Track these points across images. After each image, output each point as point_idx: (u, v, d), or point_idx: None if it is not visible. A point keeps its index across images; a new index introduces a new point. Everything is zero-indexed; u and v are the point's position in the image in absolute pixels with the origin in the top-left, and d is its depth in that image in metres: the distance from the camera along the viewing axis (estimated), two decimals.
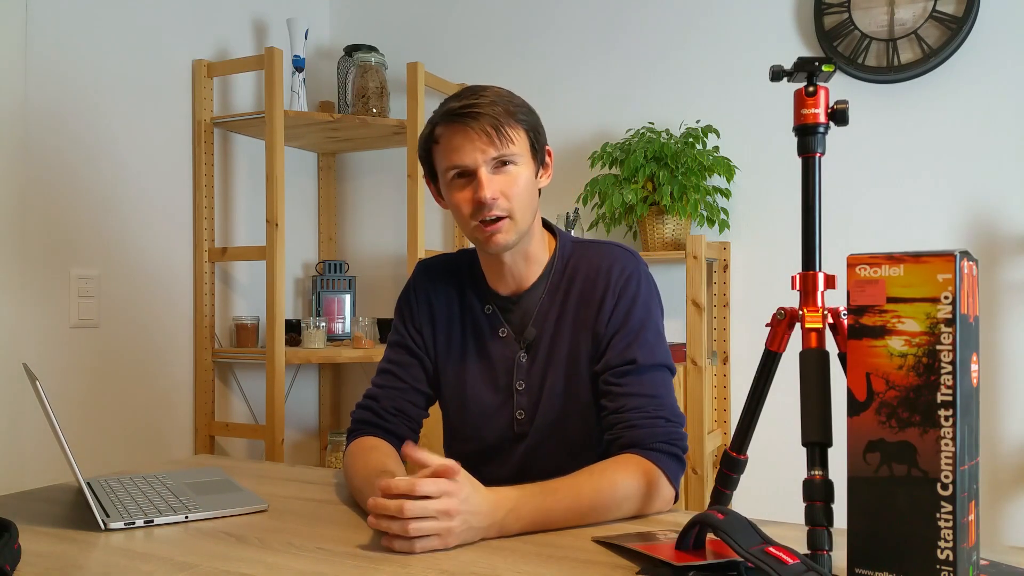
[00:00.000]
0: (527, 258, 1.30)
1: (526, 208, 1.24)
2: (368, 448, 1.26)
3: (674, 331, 2.51)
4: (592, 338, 1.27)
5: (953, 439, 0.75)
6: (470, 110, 1.19)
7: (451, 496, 0.95)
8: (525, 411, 1.30)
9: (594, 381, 1.27)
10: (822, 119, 1.02)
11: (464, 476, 0.99)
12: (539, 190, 1.30)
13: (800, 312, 1.00)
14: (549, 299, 1.30)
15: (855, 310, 0.80)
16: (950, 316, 0.75)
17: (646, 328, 1.25)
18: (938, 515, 0.75)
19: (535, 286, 1.31)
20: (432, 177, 1.30)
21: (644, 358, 1.22)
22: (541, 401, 1.29)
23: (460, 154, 1.20)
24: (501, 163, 1.21)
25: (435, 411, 1.43)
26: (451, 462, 0.99)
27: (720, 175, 2.39)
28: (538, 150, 1.27)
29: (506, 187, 1.21)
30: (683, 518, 1.12)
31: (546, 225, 1.37)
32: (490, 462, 1.32)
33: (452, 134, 1.21)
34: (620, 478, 1.11)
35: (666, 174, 2.32)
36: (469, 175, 1.21)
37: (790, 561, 0.77)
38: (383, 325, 2.77)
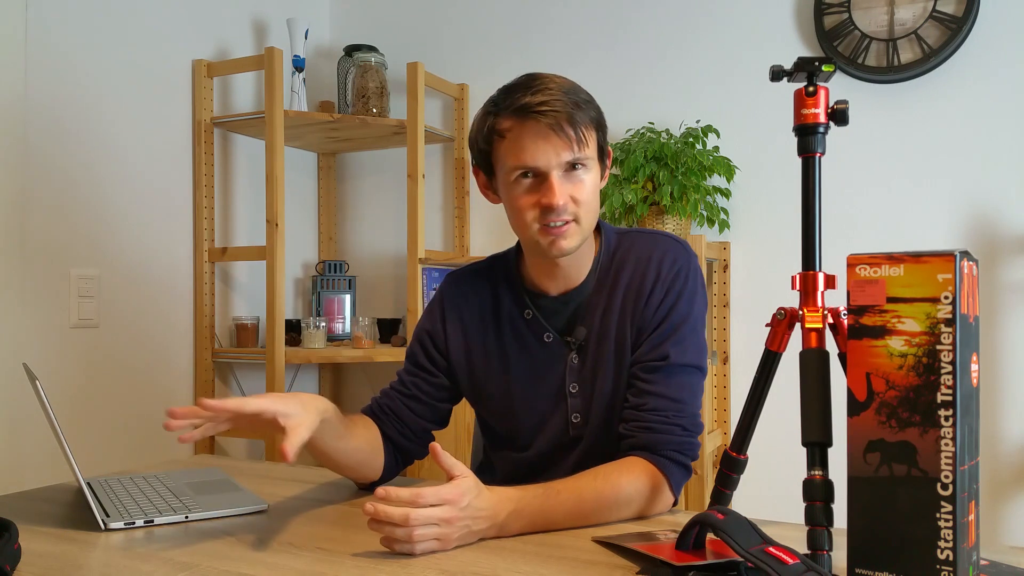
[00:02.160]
0: (581, 258, 1.25)
1: (592, 213, 1.18)
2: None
3: None
4: (636, 331, 1.23)
5: (953, 439, 0.75)
6: (546, 108, 1.12)
7: (453, 504, 0.96)
8: (580, 414, 1.26)
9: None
10: (822, 119, 1.02)
11: (469, 484, 0.99)
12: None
13: (800, 312, 1.00)
14: (596, 294, 1.25)
15: (855, 310, 0.80)
16: (950, 316, 0.75)
17: (685, 325, 1.21)
18: (938, 515, 0.75)
19: (584, 283, 1.26)
20: (484, 168, 1.23)
21: (676, 356, 1.19)
22: (593, 401, 1.25)
23: (532, 155, 1.13)
24: (572, 167, 1.15)
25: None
26: (462, 470, 0.99)
27: (720, 175, 2.39)
28: (604, 151, 1.22)
29: (576, 192, 1.15)
30: (683, 518, 1.12)
31: None
32: (547, 467, 1.29)
33: (524, 131, 1.13)
34: (624, 482, 1.10)
35: (666, 174, 2.32)
36: (538, 175, 1.15)
37: (790, 561, 0.77)
38: (383, 325, 2.77)
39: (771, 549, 0.79)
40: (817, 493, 0.88)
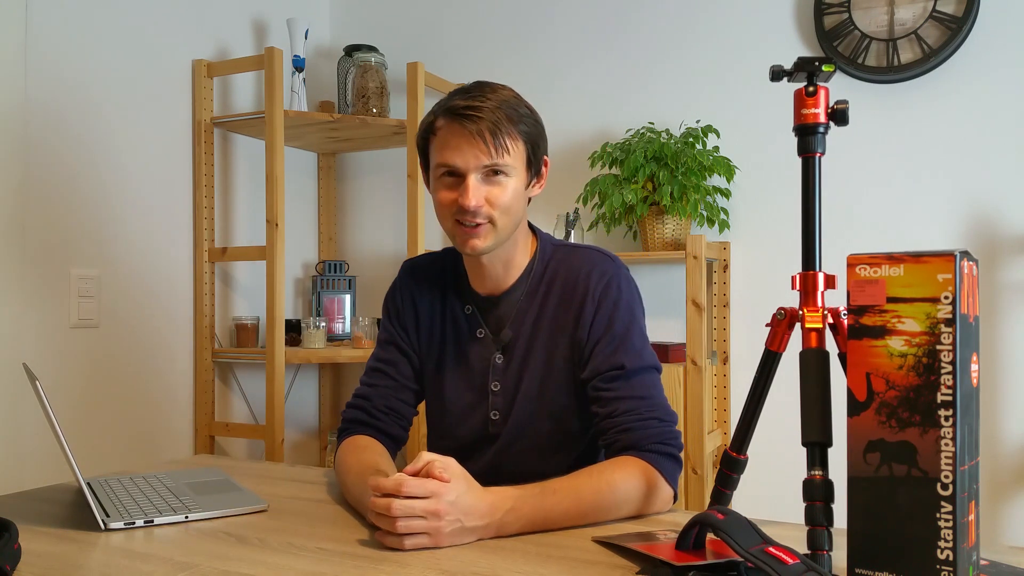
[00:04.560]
0: (507, 262, 1.30)
1: (509, 217, 1.23)
2: (360, 447, 1.27)
3: (674, 331, 2.51)
4: (570, 343, 1.27)
5: (953, 439, 0.75)
6: (472, 112, 1.18)
7: (439, 497, 0.96)
8: (499, 412, 1.31)
9: (572, 385, 1.27)
10: (822, 119, 1.02)
11: (459, 477, 1.00)
12: (529, 198, 1.29)
13: (800, 312, 1.00)
14: (527, 301, 1.30)
15: (855, 310, 0.80)
16: (950, 316, 0.75)
17: (630, 332, 1.25)
18: (938, 515, 0.75)
19: (514, 288, 1.31)
20: (424, 163, 1.30)
21: (631, 362, 1.23)
22: (515, 403, 1.29)
23: (453, 154, 1.20)
24: (492, 172, 1.20)
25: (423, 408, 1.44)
26: (448, 461, 1.00)
27: (720, 175, 2.39)
28: (534, 162, 1.26)
29: (492, 196, 1.20)
30: (683, 518, 1.12)
31: (530, 227, 1.37)
32: (464, 461, 1.32)
33: (450, 132, 1.20)
34: (619, 479, 1.11)
35: (666, 174, 2.32)
36: (458, 176, 1.21)
37: (790, 561, 0.77)
38: None
39: (771, 549, 0.79)
40: (817, 493, 0.88)
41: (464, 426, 1.34)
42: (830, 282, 1.02)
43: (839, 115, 1.02)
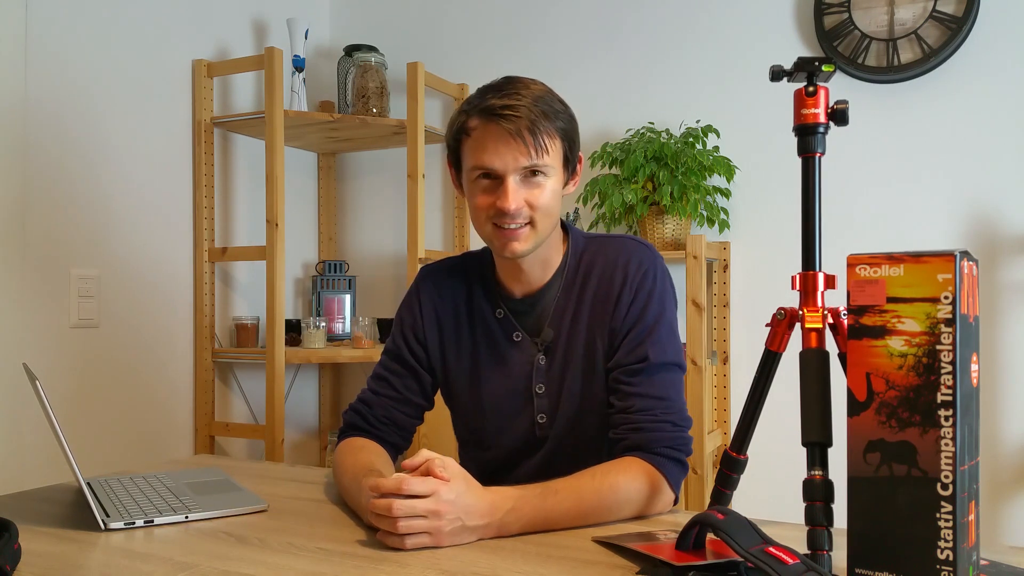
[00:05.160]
0: (544, 261, 1.27)
1: (548, 218, 1.20)
2: (357, 448, 1.26)
3: None
4: (608, 332, 1.24)
5: (953, 439, 0.75)
6: (508, 111, 1.14)
7: (440, 496, 0.96)
8: (546, 414, 1.28)
9: (608, 377, 1.25)
10: (822, 119, 1.01)
11: (458, 476, 0.99)
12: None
13: (800, 312, 1.00)
14: (564, 297, 1.27)
15: (855, 310, 0.80)
16: (950, 316, 0.75)
17: (659, 325, 1.23)
18: (938, 515, 0.75)
19: (549, 285, 1.28)
20: (456, 163, 1.26)
21: (656, 356, 1.21)
22: (560, 402, 1.26)
23: (490, 156, 1.16)
24: (531, 172, 1.17)
25: (440, 417, 1.42)
26: (447, 460, 1.00)
27: (720, 175, 2.39)
28: (570, 159, 1.23)
29: (532, 198, 1.17)
30: (683, 518, 1.13)
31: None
32: (512, 468, 1.31)
33: (486, 132, 1.16)
34: (622, 481, 1.11)
35: (666, 174, 2.32)
36: (495, 178, 1.17)
37: (790, 561, 0.77)
38: (383, 325, 2.77)
39: (771, 549, 0.79)
40: (817, 493, 0.88)
41: (509, 434, 1.30)
42: (830, 282, 1.02)
43: (839, 115, 1.02)
